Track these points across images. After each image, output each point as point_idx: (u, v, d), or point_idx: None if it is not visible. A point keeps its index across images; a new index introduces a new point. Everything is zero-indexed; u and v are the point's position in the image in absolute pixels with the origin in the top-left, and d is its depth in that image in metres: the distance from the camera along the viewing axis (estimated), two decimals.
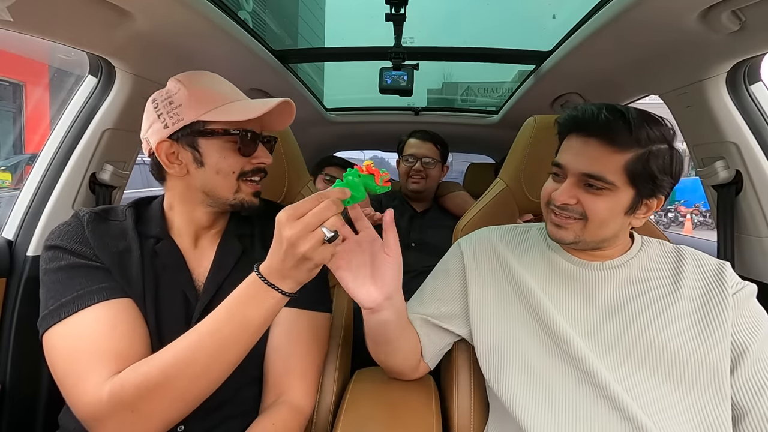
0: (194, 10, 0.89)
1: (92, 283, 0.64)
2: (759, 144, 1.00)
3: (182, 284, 0.72)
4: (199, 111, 0.68)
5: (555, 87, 1.46)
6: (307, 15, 6.39)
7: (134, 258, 0.69)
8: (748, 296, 0.69)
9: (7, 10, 0.66)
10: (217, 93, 0.71)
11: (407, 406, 0.80)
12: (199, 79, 0.72)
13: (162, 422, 0.58)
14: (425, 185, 1.65)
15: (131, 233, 0.72)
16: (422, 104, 2.27)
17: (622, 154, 0.65)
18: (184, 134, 0.69)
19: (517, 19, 3.56)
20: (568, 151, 0.70)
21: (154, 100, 0.71)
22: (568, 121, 0.71)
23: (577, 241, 0.71)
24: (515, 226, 0.89)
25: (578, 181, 0.68)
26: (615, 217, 0.69)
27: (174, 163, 0.71)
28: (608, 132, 0.65)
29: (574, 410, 0.66)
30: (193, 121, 0.68)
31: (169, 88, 0.71)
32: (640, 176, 0.65)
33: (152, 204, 0.79)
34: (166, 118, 0.69)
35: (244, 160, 0.72)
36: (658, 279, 0.72)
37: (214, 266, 0.74)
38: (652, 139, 0.65)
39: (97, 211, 0.73)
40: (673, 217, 12.15)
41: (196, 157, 0.70)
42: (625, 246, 0.77)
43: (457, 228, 1.15)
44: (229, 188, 0.72)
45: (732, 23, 0.79)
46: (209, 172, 0.71)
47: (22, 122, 6.81)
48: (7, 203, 1.21)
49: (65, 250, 0.66)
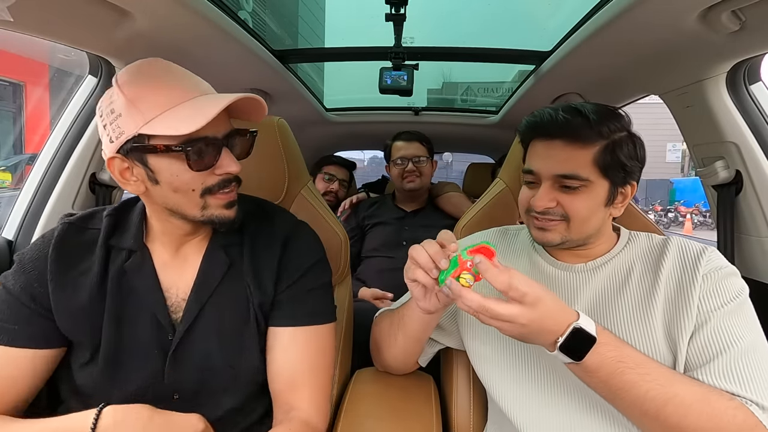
0: (194, 10, 0.89)
1: (7, 320, 0.63)
2: (759, 144, 1.00)
3: (152, 307, 0.65)
4: (138, 122, 0.56)
5: (555, 87, 1.46)
6: (307, 15, 6.39)
7: (91, 282, 0.64)
8: (724, 277, 0.65)
9: (7, 10, 0.66)
10: (160, 94, 0.58)
11: (407, 406, 0.80)
12: (139, 76, 0.60)
13: None
14: (421, 183, 1.68)
15: (98, 250, 0.66)
16: (422, 104, 2.27)
17: (588, 149, 0.66)
18: (129, 149, 0.58)
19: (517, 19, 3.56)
20: (536, 157, 0.71)
21: (99, 107, 0.62)
22: (529, 128, 0.73)
23: (564, 240, 0.71)
24: (507, 228, 0.89)
25: (553, 183, 0.69)
26: (596, 212, 0.69)
27: (129, 180, 0.62)
28: (570, 131, 0.67)
29: (566, 414, 0.67)
30: (133, 135, 0.57)
31: (110, 93, 0.60)
32: (610, 167, 0.67)
33: (135, 208, 0.71)
34: (110, 131, 0.59)
35: (202, 175, 0.61)
36: (641, 274, 0.71)
37: (197, 283, 0.67)
38: (612, 129, 0.67)
39: (75, 222, 0.69)
40: (673, 217, 12.15)
41: (149, 174, 0.60)
42: (610, 242, 0.76)
43: (457, 228, 1.15)
44: (194, 205, 0.62)
45: (732, 23, 0.79)
46: (166, 190, 0.61)
47: (22, 122, 6.81)
48: (7, 203, 1.21)
49: (18, 272, 0.65)
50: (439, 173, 5.79)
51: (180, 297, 0.67)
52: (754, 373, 0.57)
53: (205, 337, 0.66)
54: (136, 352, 0.64)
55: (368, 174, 8.00)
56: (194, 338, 0.66)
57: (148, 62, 0.62)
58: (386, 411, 0.71)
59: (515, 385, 0.72)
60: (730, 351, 0.59)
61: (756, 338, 0.61)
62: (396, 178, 1.71)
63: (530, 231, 0.75)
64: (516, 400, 0.71)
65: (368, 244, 1.69)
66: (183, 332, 0.65)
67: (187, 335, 0.66)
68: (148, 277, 0.66)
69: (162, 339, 0.65)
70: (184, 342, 0.65)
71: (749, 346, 0.59)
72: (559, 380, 0.68)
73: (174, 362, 0.64)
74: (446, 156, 8.34)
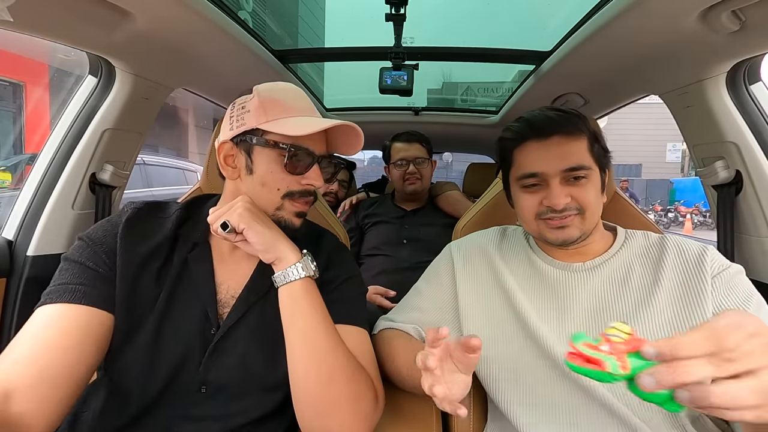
0: (194, 10, 0.89)
1: (74, 280, 0.64)
2: (759, 144, 1.00)
3: (203, 298, 0.69)
4: (260, 119, 0.68)
5: (555, 87, 1.46)
6: (307, 15, 6.39)
7: (156, 263, 0.69)
8: (732, 276, 0.66)
9: (7, 10, 0.66)
10: (288, 105, 0.70)
11: (407, 406, 0.80)
12: (276, 89, 0.72)
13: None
14: (422, 185, 1.68)
15: (167, 235, 0.71)
16: (422, 104, 2.27)
17: (581, 141, 0.71)
18: (243, 139, 0.69)
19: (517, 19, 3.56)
20: (535, 158, 0.72)
21: (234, 104, 0.73)
22: (524, 129, 0.74)
23: (581, 234, 0.71)
24: (506, 228, 0.89)
25: (563, 179, 0.70)
26: (598, 199, 0.72)
27: (229, 165, 0.72)
28: (565, 126, 0.71)
29: (567, 414, 0.67)
30: (253, 128, 0.68)
31: (249, 96, 0.72)
32: (599, 153, 0.73)
33: (206, 204, 0.78)
34: (234, 122, 0.70)
35: (291, 179, 0.70)
36: (640, 274, 0.71)
37: (249, 286, 0.72)
38: (588, 124, 0.74)
39: (143, 208, 0.73)
40: (673, 217, 12.14)
41: (248, 164, 0.70)
42: (606, 240, 0.77)
43: (457, 228, 1.15)
44: (271, 203, 0.70)
45: (732, 23, 0.79)
46: (256, 182, 0.70)
47: (22, 122, 6.81)
48: (7, 203, 1.21)
49: (84, 247, 0.67)
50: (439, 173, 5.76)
51: (230, 294, 0.71)
52: None
53: (245, 338, 0.69)
54: (178, 336, 0.67)
55: (368, 174, 8.00)
56: (235, 337, 0.68)
57: (287, 84, 0.75)
58: (386, 411, 0.71)
59: (515, 386, 0.72)
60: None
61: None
62: (397, 181, 1.71)
63: (545, 235, 0.73)
64: (516, 401, 0.71)
65: (368, 243, 1.69)
66: (226, 329, 0.68)
67: (230, 333, 0.68)
68: (206, 270, 0.71)
69: (206, 331, 0.68)
70: (226, 339, 0.68)
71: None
72: (559, 380, 0.68)
73: (211, 356, 0.67)
74: (446, 156, 8.34)
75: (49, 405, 0.56)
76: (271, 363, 0.68)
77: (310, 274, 0.68)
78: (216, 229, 0.65)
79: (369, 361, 0.72)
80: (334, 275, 0.76)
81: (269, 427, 0.70)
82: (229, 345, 0.68)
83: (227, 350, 0.68)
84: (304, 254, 0.69)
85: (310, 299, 0.66)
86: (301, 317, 0.65)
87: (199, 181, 1.16)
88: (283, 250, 0.67)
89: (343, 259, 0.81)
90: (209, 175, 1.08)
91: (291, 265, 0.67)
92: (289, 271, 0.67)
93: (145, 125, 1.22)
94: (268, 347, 0.69)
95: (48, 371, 0.57)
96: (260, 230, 0.65)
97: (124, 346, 0.65)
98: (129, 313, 0.65)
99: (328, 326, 0.66)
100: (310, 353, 0.63)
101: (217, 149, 0.72)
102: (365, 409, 0.65)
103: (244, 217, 0.65)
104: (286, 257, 0.67)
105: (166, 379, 0.65)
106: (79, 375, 0.60)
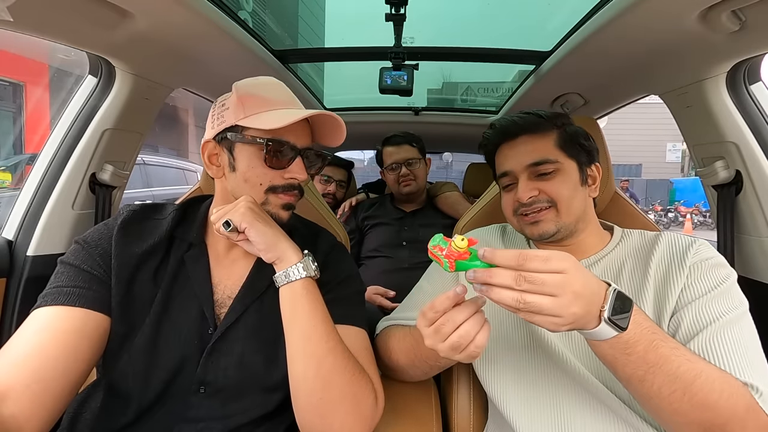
0: (194, 10, 0.89)
1: (69, 283, 0.64)
2: (759, 144, 1.00)
3: (200, 298, 0.69)
4: (239, 115, 0.68)
5: (555, 87, 1.46)
6: (307, 15, 6.39)
7: (152, 264, 0.69)
8: (711, 267, 0.65)
9: (7, 10, 0.66)
10: (267, 99, 0.69)
11: (407, 407, 0.80)
12: (255, 83, 0.71)
13: None
14: (417, 185, 1.69)
15: (163, 236, 0.71)
16: (422, 104, 2.27)
17: (548, 137, 0.76)
18: (224, 137, 0.69)
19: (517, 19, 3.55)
20: (506, 158, 0.78)
21: (215, 102, 0.73)
22: (496, 134, 0.80)
23: (559, 228, 0.73)
24: (506, 226, 0.90)
25: (529, 174, 0.74)
26: (576, 192, 0.74)
27: (214, 164, 0.72)
28: (529, 126, 0.76)
29: (566, 415, 0.67)
30: (232, 124, 0.68)
31: (229, 93, 0.72)
32: (572, 147, 0.76)
33: (202, 205, 0.79)
34: (215, 120, 0.71)
35: (273, 173, 0.69)
36: (631, 269, 0.72)
37: (245, 286, 0.72)
38: (563, 121, 0.78)
39: (139, 210, 0.74)
40: (673, 217, 12.14)
41: (230, 162, 0.70)
42: (603, 239, 0.77)
43: (457, 228, 1.15)
44: (257, 198, 0.70)
45: (732, 23, 0.79)
46: (239, 179, 0.69)
47: (22, 122, 6.81)
48: (7, 203, 1.21)
49: (80, 250, 0.67)
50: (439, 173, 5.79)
51: (226, 294, 0.72)
52: (732, 348, 0.56)
53: (243, 339, 0.69)
54: (175, 338, 0.67)
55: (368, 174, 7.99)
56: (233, 338, 0.68)
57: (266, 78, 0.74)
58: (386, 411, 0.71)
59: (515, 386, 0.72)
60: (709, 329, 0.58)
61: (739, 316, 0.60)
62: (392, 184, 1.72)
63: (524, 231, 0.78)
64: (515, 401, 0.71)
65: (368, 244, 1.69)
66: (224, 329, 0.68)
67: (227, 333, 0.68)
68: (202, 270, 0.71)
69: (203, 331, 0.68)
70: (223, 339, 0.68)
71: (728, 323, 0.58)
72: (559, 380, 0.68)
73: (209, 356, 0.67)
74: (446, 156, 8.32)
75: (42, 407, 0.56)
76: (270, 363, 0.68)
77: (311, 275, 0.68)
78: (218, 228, 0.65)
79: (368, 361, 0.72)
80: (331, 275, 0.76)
81: (269, 428, 0.70)
82: (227, 345, 0.68)
83: (225, 350, 0.67)
84: (305, 254, 0.69)
85: (311, 299, 0.66)
86: (301, 317, 0.65)
87: (198, 182, 1.16)
88: (285, 249, 0.67)
89: (341, 259, 0.81)
90: (209, 175, 1.08)
91: (292, 265, 0.67)
92: (290, 271, 0.67)
93: (145, 125, 1.22)
94: (267, 347, 0.69)
95: (42, 373, 0.57)
96: (262, 229, 0.65)
97: (121, 348, 0.65)
98: (125, 315, 0.65)
99: (328, 327, 0.66)
100: (310, 353, 0.63)
101: (200, 149, 0.73)
102: (365, 410, 0.65)
103: (246, 216, 0.65)
104: (287, 257, 0.67)
105: (165, 380, 0.65)
106: (73, 377, 0.60)
